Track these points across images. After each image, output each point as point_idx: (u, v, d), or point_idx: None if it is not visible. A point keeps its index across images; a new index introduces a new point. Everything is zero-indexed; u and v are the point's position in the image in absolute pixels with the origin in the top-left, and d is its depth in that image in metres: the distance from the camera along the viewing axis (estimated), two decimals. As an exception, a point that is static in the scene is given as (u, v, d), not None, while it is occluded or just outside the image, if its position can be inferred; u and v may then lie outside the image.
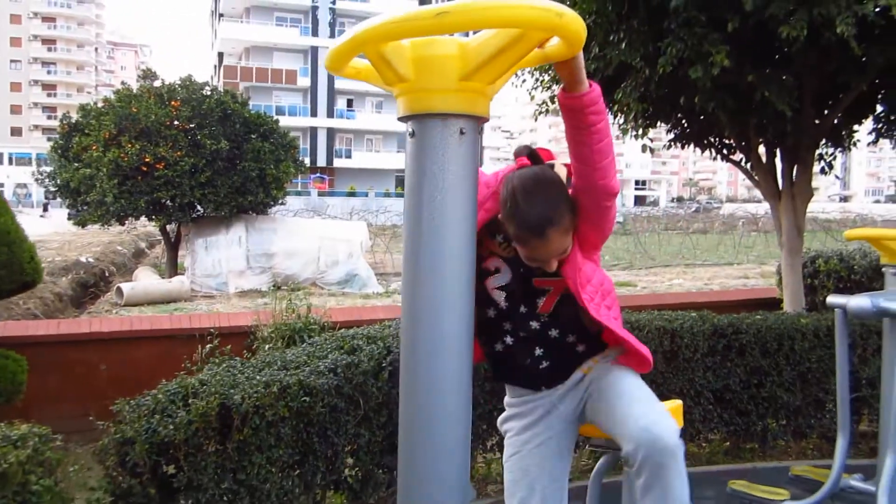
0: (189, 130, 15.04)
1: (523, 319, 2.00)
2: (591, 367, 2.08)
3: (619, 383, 1.98)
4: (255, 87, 47.63)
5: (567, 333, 2.02)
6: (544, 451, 2.09)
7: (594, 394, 2.03)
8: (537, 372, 2.05)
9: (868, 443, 4.83)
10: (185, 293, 14.54)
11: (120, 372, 5.12)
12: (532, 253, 1.89)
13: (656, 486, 1.82)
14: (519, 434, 2.13)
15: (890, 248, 3.40)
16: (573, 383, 2.09)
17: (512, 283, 1.99)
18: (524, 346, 2.02)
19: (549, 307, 1.99)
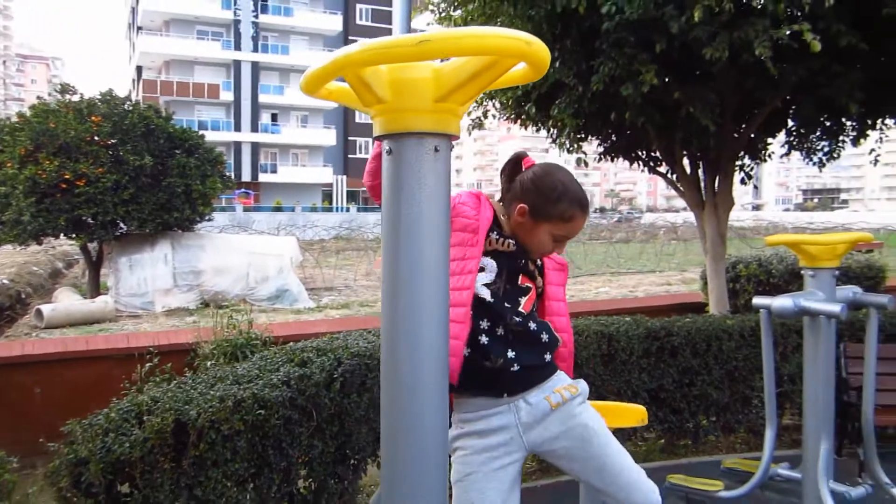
0: (111, 146, 14.64)
1: (506, 315, 2.05)
2: (559, 402, 2.07)
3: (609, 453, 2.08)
4: (176, 102, 46.56)
5: (541, 330, 2.11)
6: (503, 476, 2.05)
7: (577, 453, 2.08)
8: (507, 375, 2.04)
9: (790, 435, 5.14)
10: (110, 313, 14.10)
11: (56, 395, 4.98)
12: (566, 232, 2.08)
13: None
14: (477, 454, 2.06)
15: (808, 252, 3.66)
16: (541, 412, 2.07)
17: (498, 279, 2.07)
18: (500, 344, 2.05)
19: (528, 308, 2.09)
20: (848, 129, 5.84)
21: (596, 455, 2.05)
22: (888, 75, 4.83)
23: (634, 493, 2.07)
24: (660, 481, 4.25)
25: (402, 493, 1.56)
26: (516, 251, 2.10)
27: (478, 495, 2.01)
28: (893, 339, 5.16)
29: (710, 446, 5.13)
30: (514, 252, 2.09)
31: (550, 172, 2.09)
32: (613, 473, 2.05)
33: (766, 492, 4.25)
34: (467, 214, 2.05)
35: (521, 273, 2.11)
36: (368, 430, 3.87)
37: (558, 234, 2.07)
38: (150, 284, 15.55)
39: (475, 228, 2.03)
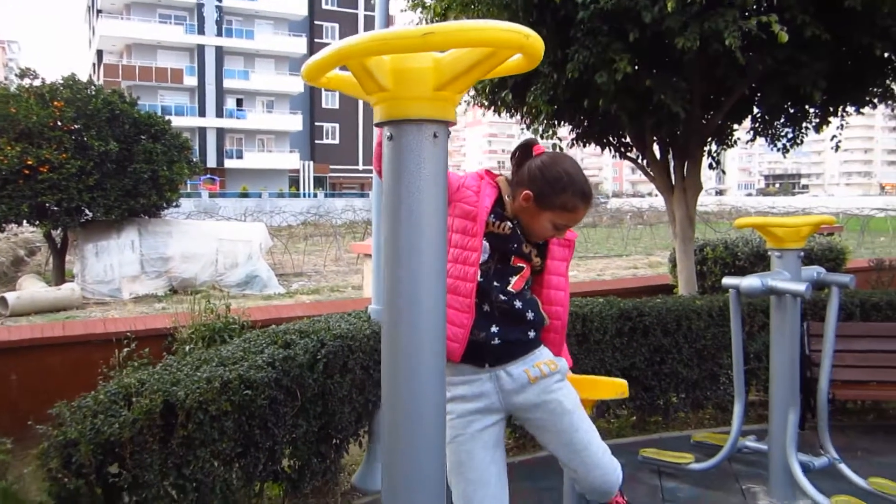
0: (74, 131, 14.41)
1: (493, 293, 2.17)
2: (538, 376, 2.21)
3: (578, 430, 2.21)
4: (138, 87, 45.70)
5: (527, 309, 2.23)
6: (486, 437, 2.22)
7: (548, 425, 2.23)
8: (488, 347, 2.18)
9: (756, 410, 5.34)
10: (77, 301, 13.92)
11: (33, 381, 4.97)
12: (567, 220, 2.18)
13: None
14: (461, 417, 2.21)
15: (774, 234, 3.82)
16: (520, 384, 2.22)
17: (490, 260, 2.18)
18: (484, 320, 2.17)
19: (519, 286, 2.21)
20: (811, 116, 6.04)
21: (565, 430, 2.21)
22: (850, 65, 5.01)
23: (594, 470, 2.21)
24: (632, 455, 4.44)
25: (404, 467, 1.66)
26: (511, 234, 2.20)
27: (466, 456, 2.19)
28: (852, 318, 5.38)
29: (681, 422, 5.31)
30: (509, 235, 2.20)
31: (558, 162, 2.18)
32: (578, 449, 2.20)
33: (735, 464, 4.44)
34: (469, 201, 2.13)
35: (513, 255, 2.22)
36: (351, 410, 3.95)
37: (559, 223, 2.18)
38: (116, 271, 15.38)
39: (475, 216, 2.13)
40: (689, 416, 5.40)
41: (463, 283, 2.10)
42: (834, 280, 3.92)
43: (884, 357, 5.03)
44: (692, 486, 4.17)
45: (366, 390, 4.04)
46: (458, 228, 2.13)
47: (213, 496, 3.23)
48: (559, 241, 2.28)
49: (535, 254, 2.26)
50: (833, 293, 4.00)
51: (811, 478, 4.08)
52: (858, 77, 5.23)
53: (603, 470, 2.23)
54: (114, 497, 2.98)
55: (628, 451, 4.58)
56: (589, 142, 6.35)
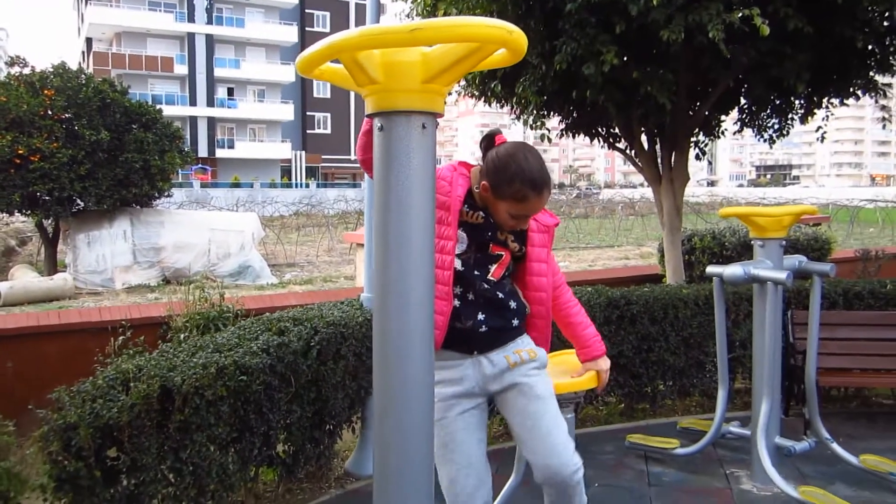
0: (65, 121, 14.39)
1: (476, 282, 2.26)
2: (517, 361, 2.31)
3: (541, 411, 2.27)
4: (128, 75, 45.46)
5: (509, 299, 2.31)
6: (469, 419, 2.32)
7: (515, 403, 2.30)
8: (476, 335, 2.27)
9: (742, 398, 5.45)
10: (69, 291, 13.94)
11: (29, 369, 5.02)
12: (523, 210, 2.18)
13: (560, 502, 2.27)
14: (444, 401, 2.30)
15: (757, 224, 3.91)
16: (500, 369, 2.31)
17: (468, 249, 2.26)
18: (470, 308, 2.26)
19: (498, 274, 2.29)
20: (796, 108, 6.13)
21: (532, 414, 2.28)
22: (833, 57, 5.10)
23: (553, 457, 2.22)
24: (620, 441, 4.53)
25: (395, 448, 1.74)
26: (485, 223, 2.27)
27: (450, 437, 2.29)
28: (835, 307, 5.48)
29: (667, 409, 5.41)
30: (482, 224, 2.27)
31: (511, 153, 2.19)
32: (540, 435, 2.25)
33: (719, 449, 4.55)
34: (443, 191, 2.20)
35: (490, 243, 2.29)
36: (344, 397, 4.03)
37: (514, 212, 2.21)
38: (109, 261, 15.40)
39: (448, 206, 2.20)
40: (676, 404, 5.50)
41: (441, 271, 2.16)
42: (815, 269, 4.01)
43: (866, 345, 5.14)
44: (677, 471, 4.27)
45: (358, 377, 4.12)
46: (443, 217, 2.20)
47: (209, 480, 3.30)
48: (537, 227, 2.33)
49: (512, 239, 2.31)
50: (815, 282, 4.09)
51: (796, 461, 4.21)
52: (842, 69, 5.32)
53: (560, 460, 2.22)
54: (112, 480, 3.06)
55: (616, 438, 4.70)
56: (578, 132, 6.42)
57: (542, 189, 2.18)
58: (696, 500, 3.88)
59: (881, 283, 5.67)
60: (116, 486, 3.06)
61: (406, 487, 1.79)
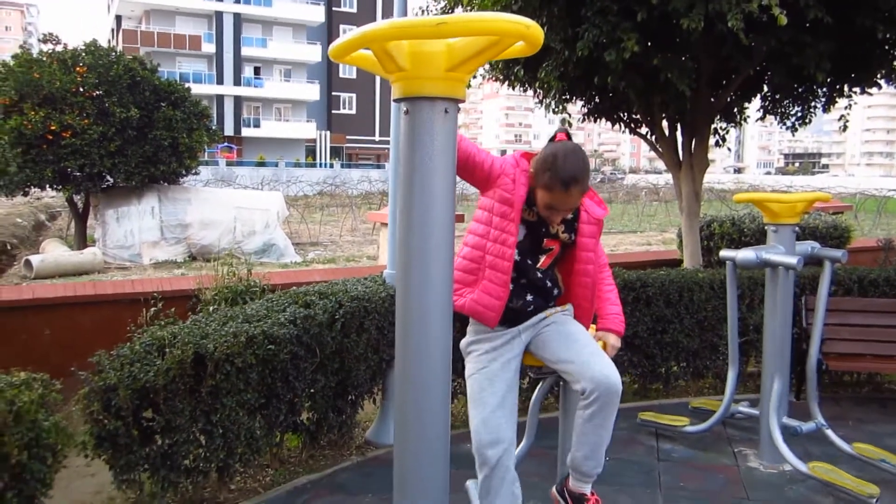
0: (96, 98, 14.62)
1: (528, 270, 2.52)
2: (552, 313, 2.59)
3: (581, 335, 2.53)
4: (156, 53, 45.80)
5: (554, 287, 2.59)
6: (508, 367, 2.55)
7: (552, 334, 2.55)
8: (525, 313, 2.56)
9: (755, 381, 5.55)
10: (98, 265, 14.25)
11: (65, 337, 5.24)
12: (552, 201, 2.38)
13: (599, 416, 2.45)
14: (486, 353, 2.56)
15: (770, 209, 4.00)
16: (535, 321, 2.59)
17: (525, 240, 2.50)
18: (521, 291, 2.54)
19: (546, 264, 2.55)
20: (819, 96, 6.16)
21: (573, 335, 2.53)
22: (853, 47, 5.13)
23: (593, 366, 2.42)
24: (632, 419, 4.67)
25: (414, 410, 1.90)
26: (539, 220, 2.51)
27: (487, 382, 2.51)
28: (850, 293, 5.55)
29: (680, 390, 5.52)
30: (537, 221, 2.51)
31: (554, 150, 2.40)
32: (579, 346, 2.49)
33: (729, 429, 4.67)
34: (507, 188, 2.41)
35: (544, 237, 2.54)
36: (366, 368, 4.20)
37: (546, 202, 2.42)
38: (137, 237, 15.69)
39: (512, 203, 2.42)
40: (689, 385, 5.62)
41: (501, 261, 2.42)
42: (827, 255, 4.10)
43: (879, 331, 5.22)
44: (687, 448, 4.40)
45: (380, 350, 4.28)
46: (498, 212, 2.43)
47: (238, 443, 3.50)
48: (587, 219, 2.54)
49: (563, 230, 2.54)
50: (826, 267, 4.18)
51: (803, 441, 4.32)
52: (863, 58, 5.35)
53: (602, 365, 2.41)
54: (148, 439, 3.26)
55: (629, 416, 4.83)
56: (600, 117, 6.51)
57: (570, 187, 2.35)
58: (704, 475, 4.02)
59: (896, 270, 5.72)
60: (151, 445, 3.27)
61: (424, 454, 1.95)
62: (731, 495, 3.77)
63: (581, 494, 2.63)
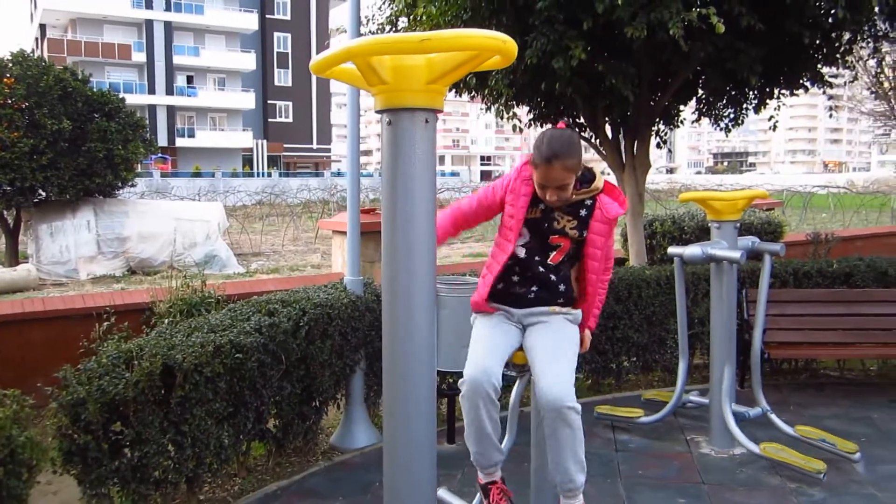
0: (26, 109, 14.19)
1: (533, 266, 2.66)
2: (556, 310, 2.68)
3: (557, 342, 2.60)
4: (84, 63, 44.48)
5: (560, 282, 2.67)
6: (506, 329, 2.68)
7: (539, 331, 2.66)
8: (526, 300, 2.68)
9: (700, 373, 5.79)
10: (33, 282, 13.82)
11: (14, 355, 5.12)
12: (539, 178, 2.54)
13: (549, 427, 2.51)
14: (487, 320, 2.72)
15: (713, 207, 4.23)
16: (536, 312, 2.70)
17: (532, 241, 2.66)
18: (526, 283, 2.67)
19: (557, 259, 2.66)
20: (750, 98, 6.48)
21: (554, 336, 2.63)
22: (782, 52, 5.45)
23: (542, 378, 2.49)
24: (588, 413, 4.83)
25: (401, 392, 1.99)
26: (542, 216, 2.64)
27: (487, 332, 2.67)
28: (786, 285, 5.85)
29: (632, 384, 5.73)
30: (540, 217, 2.65)
31: (544, 132, 2.60)
32: (544, 353, 2.58)
33: (681, 418, 4.88)
34: (513, 204, 2.63)
35: (549, 234, 2.65)
36: (330, 374, 4.25)
37: (537, 180, 2.58)
38: (73, 252, 15.28)
39: (513, 216, 2.64)
40: (640, 378, 5.83)
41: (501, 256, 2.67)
42: (767, 248, 4.34)
43: (814, 320, 5.53)
44: (642, 438, 4.59)
45: (344, 355, 4.34)
46: (504, 223, 2.65)
47: (207, 452, 3.51)
48: (601, 217, 2.64)
49: (573, 227, 2.64)
50: (766, 260, 4.42)
51: (748, 427, 4.55)
52: (791, 62, 5.67)
53: (550, 379, 2.47)
54: (117, 452, 3.25)
55: (585, 410, 4.91)
56: (545, 122, 6.69)
57: (551, 161, 2.50)
58: (660, 463, 4.20)
59: (828, 262, 6.06)
60: (121, 458, 3.25)
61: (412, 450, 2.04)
62: (687, 480, 3.96)
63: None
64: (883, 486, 3.86)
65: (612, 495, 3.78)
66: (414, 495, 2.07)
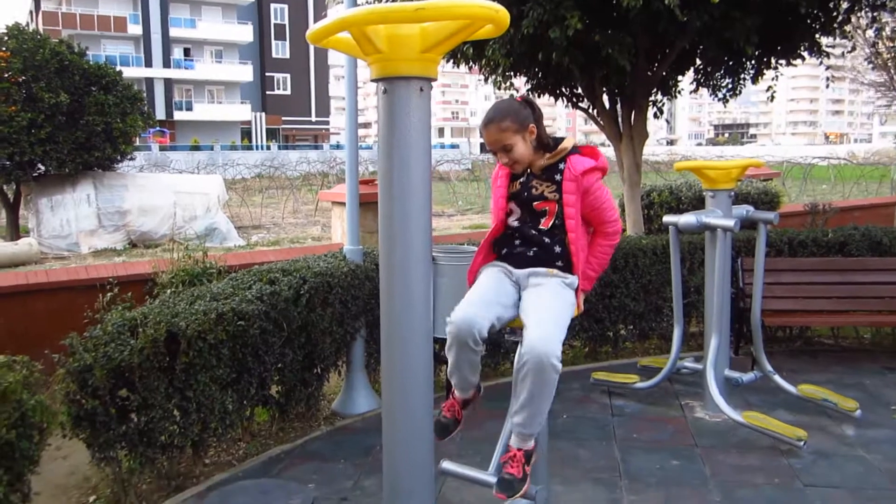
0: (23, 83, 14.15)
1: (529, 231, 2.72)
2: (554, 272, 2.71)
3: (547, 301, 2.63)
4: (79, 35, 44.12)
5: (555, 244, 2.71)
6: (503, 286, 2.71)
7: (532, 291, 2.69)
8: (526, 258, 2.73)
9: (696, 341, 5.88)
10: (35, 255, 13.90)
11: (19, 327, 5.19)
12: (486, 143, 2.66)
13: (528, 380, 2.49)
14: (490, 270, 2.77)
15: (708, 176, 4.27)
16: (534, 273, 2.72)
17: (522, 212, 2.73)
18: (525, 246, 2.73)
19: (548, 224, 2.70)
20: (747, 68, 6.49)
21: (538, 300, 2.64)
22: (779, 21, 5.45)
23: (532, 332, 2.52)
24: (585, 380, 4.92)
25: (398, 355, 2.06)
26: (521, 187, 2.72)
27: (481, 283, 2.73)
28: (782, 254, 5.92)
29: (629, 352, 5.82)
30: (519, 189, 2.72)
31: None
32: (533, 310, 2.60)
33: (676, 384, 4.97)
34: (498, 186, 2.75)
35: (533, 201, 2.71)
36: (331, 342, 4.33)
37: (488, 148, 2.68)
38: (73, 225, 15.32)
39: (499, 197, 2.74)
40: (636, 346, 5.92)
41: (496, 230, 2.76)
42: (761, 217, 4.40)
43: (808, 288, 5.59)
44: (637, 403, 4.69)
45: (345, 323, 4.42)
46: (495, 203, 2.76)
47: (211, 417, 3.60)
48: (569, 176, 2.66)
49: (551, 191, 2.69)
50: (760, 229, 4.48)
51: (745, 391, 4.66)
52: (788, 32, 5.67)
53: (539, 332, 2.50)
54: (124, 417, 3.33)
55: (582, 377, 5.09)
56: (543, 93, 6.71)
57: (484, 125, 2.62)
58: (654, 426, 4.30)
59: (823, 232, 6.12)
60: (128, 422, 3.34)
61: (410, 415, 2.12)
62: (680, 443, 4.06)
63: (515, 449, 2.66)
64: (872, 448, 3.96)
65: (607, 457, 3.88)
66: (411, 460, 2.15)
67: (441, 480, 3.48)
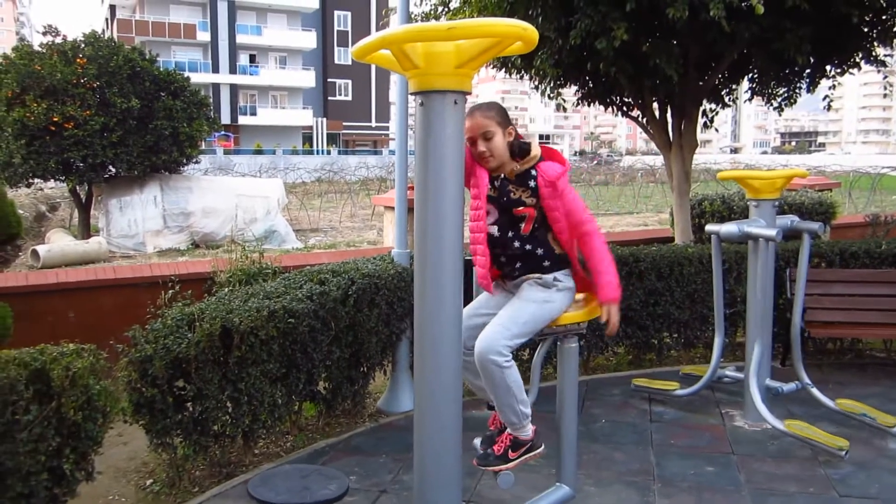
0: (97, 89, 14.82)
1: (510, 243, 2.77)
2: (530, 277, 2.79)
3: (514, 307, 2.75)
4: (151, 42, 45.81)
5: (538, 247, 2.78)
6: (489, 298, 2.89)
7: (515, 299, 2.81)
8: (513, 276, 2.83)
9: (742, 350, 5.84)
10: (104, 254, 14.52)
11: (88, 319, 5.52)
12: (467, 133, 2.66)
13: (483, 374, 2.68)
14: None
15: (752, 186, 4.29)
16: (524, 280, 2.83)
17: (500, 218, 2.78)
18: (510, 262, 2.80)
19: (528, 229, 2.76)
20: (802, 77, 6.43)
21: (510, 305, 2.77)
22: (831, 31, 5.40)
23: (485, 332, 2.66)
24: (627, 385, 4.97)
25: (429, 352, 2.19)
26: (500, 188, 2.77)
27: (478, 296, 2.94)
28: (832, 265, 5.84)
29: (673, 360, 5.83)
30: (498, 192, 2.77)
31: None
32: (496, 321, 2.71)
33: (717, 392, 4.98)
34: (476, 184, 2.75)
35: (511, 206, 2.76)
36: (377, 341, 4.50)
37: (468, 138, 2.70)
38: (140, 226, 15.94)
39: (478, 196, 2.76)
40: (681, 355, 5.92)
41: (479, 234, 2.76)
42: (805, 227, 4.39)
43: (859, 300, 5.52)
44: (677, 410, 4.71)
45: (391, 323, 4.58)
46: (472, 204, 2.77)
47: (261, 409, 3.80)
48: (543, 182, 2.72)
49: (528, 195, 2.74)
50: (805, 239, 4.47)
51: (786, 401, 4.64)
52: (842, 42, 5.62)
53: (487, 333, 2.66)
54: (180, 406, 3.55)
55: (624, 383, 5.14)
56: (593, 101, 6.77)
57: (470, 113, 2.68)
58: (692, 433, 4.33)
59: (876, 243, 6.02)
60: (184, 411, 3.56)
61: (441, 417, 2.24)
62: (717, 450, 4.08)
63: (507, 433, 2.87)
64: (915, 462, 3.91)
65: (642, 461, 3.93)
66: (440, 454, 2.27)
67: (477, 476, 3.60)
